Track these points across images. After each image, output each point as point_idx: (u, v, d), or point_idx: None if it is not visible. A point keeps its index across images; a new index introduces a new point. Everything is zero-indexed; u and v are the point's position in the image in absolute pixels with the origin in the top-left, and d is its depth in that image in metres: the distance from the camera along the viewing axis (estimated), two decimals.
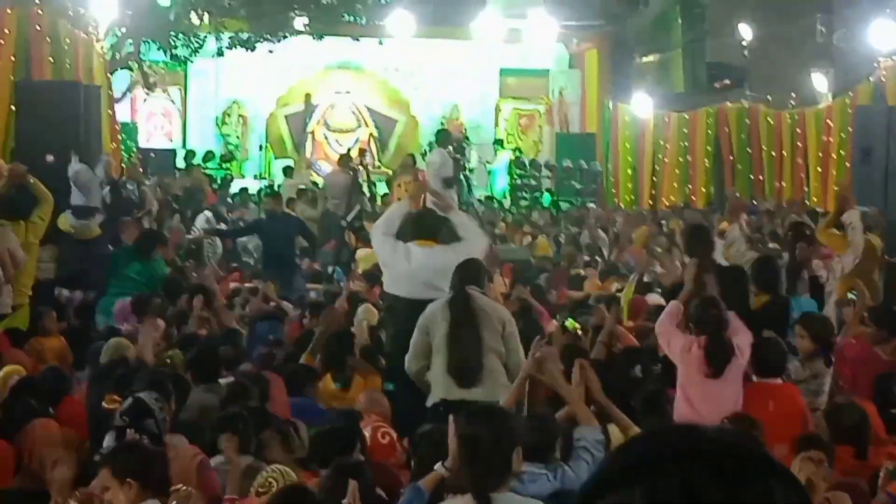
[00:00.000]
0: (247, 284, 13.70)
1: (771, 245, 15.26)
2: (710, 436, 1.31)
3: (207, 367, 7.81)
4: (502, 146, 26.94)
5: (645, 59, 31.92)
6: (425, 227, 8.18)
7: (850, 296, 10.48)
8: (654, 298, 11.34)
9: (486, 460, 4.52)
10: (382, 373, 8.43)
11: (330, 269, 16.36)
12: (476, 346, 7.09)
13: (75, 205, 12.22)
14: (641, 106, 27.43)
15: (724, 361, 6.89)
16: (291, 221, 16.27)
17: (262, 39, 24.41)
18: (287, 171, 23.55)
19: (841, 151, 22.34)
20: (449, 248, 7.96)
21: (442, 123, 26.61)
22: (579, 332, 8.68)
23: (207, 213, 17.32)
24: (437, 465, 5.50)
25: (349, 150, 21.18)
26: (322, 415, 7.42)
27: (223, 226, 18.44)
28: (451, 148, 17.26)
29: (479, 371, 7.04)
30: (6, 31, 14.76)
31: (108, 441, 5.68)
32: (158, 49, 24.00)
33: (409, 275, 7.86)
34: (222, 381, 7.70)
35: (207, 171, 24.53)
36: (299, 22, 24.87)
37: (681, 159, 26.68)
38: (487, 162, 26.69)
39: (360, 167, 18.78)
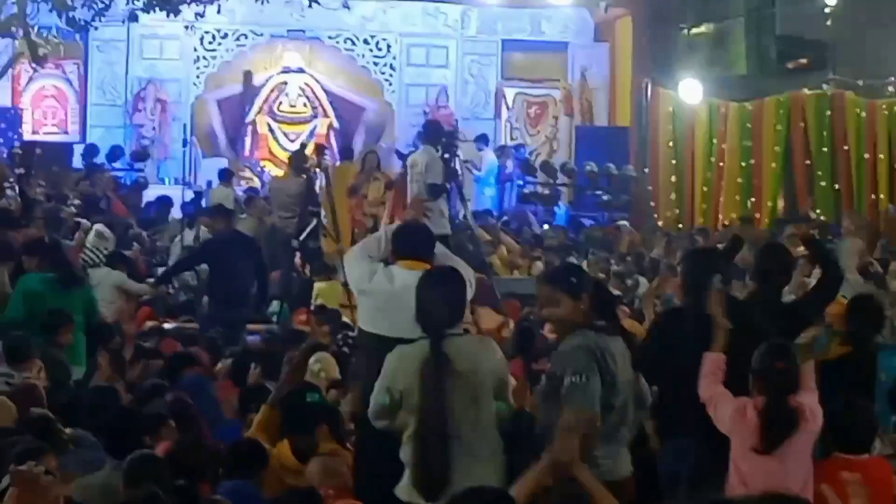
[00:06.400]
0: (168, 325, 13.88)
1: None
2: None
3: (124, 436, 7.83)
4: (486, 143, 26.91)
5: (695, 30, 32.01)
6: (412, 242, 7.88)
7: None
8: None
9: None
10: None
11: (275, 304, 16.44)
12: (447, 453, 6.75)
13: None
14: (690, 92, 27.50)
15: (783, 433, 6.96)
16: (250, 245, 16.28)
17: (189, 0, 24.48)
18: (225, 174, 23.51)
19: None
20: None
21: (425, 113, 26.72)
22: None
23: (99, 227, 17.13)
24: None
25: (302, 146, 21.20)
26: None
27: (139, 246, 18.47)
28: (440, 146, 17.08)
29: (448, 485, 6.63)
30: None
31: None
32: (51, 10, 24.04)
33: (394, 305, 7.51)
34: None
35: (113, 173, 24.60)
36: None
37: (742, 164, 26.77)
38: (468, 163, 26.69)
39: (317, 169, 18.84)
